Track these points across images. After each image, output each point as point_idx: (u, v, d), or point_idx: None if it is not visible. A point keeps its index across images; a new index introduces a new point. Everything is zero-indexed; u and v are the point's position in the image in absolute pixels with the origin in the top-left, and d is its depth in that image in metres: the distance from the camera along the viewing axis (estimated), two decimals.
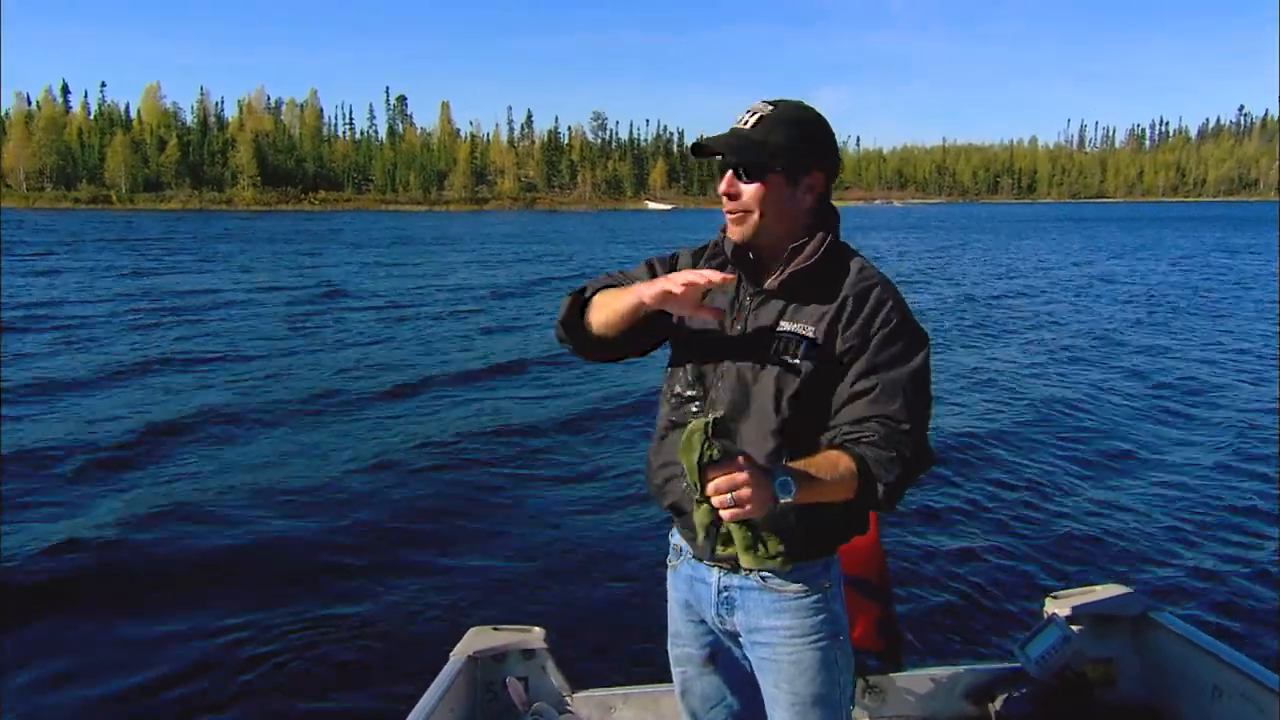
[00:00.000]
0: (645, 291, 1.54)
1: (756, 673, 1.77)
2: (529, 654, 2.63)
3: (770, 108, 1.61)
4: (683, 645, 1.89)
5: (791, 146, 1.60)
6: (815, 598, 1.70)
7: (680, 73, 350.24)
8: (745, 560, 1.52)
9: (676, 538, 1.86)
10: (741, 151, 1.60)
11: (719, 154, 1.62)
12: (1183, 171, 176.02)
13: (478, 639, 2.63)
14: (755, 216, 1.62)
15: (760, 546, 1.51)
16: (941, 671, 2.78)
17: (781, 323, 1.62)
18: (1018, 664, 2.74)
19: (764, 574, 1.67)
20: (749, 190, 1.60)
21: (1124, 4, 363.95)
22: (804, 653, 1.70)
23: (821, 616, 1.70)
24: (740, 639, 1.77)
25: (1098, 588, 2.89)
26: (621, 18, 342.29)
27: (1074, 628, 2.72)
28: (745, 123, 1.60)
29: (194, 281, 22.02)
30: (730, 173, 1.62)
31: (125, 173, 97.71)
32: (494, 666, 2.62)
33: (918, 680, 2.75)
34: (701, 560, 1.77)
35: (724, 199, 1.64)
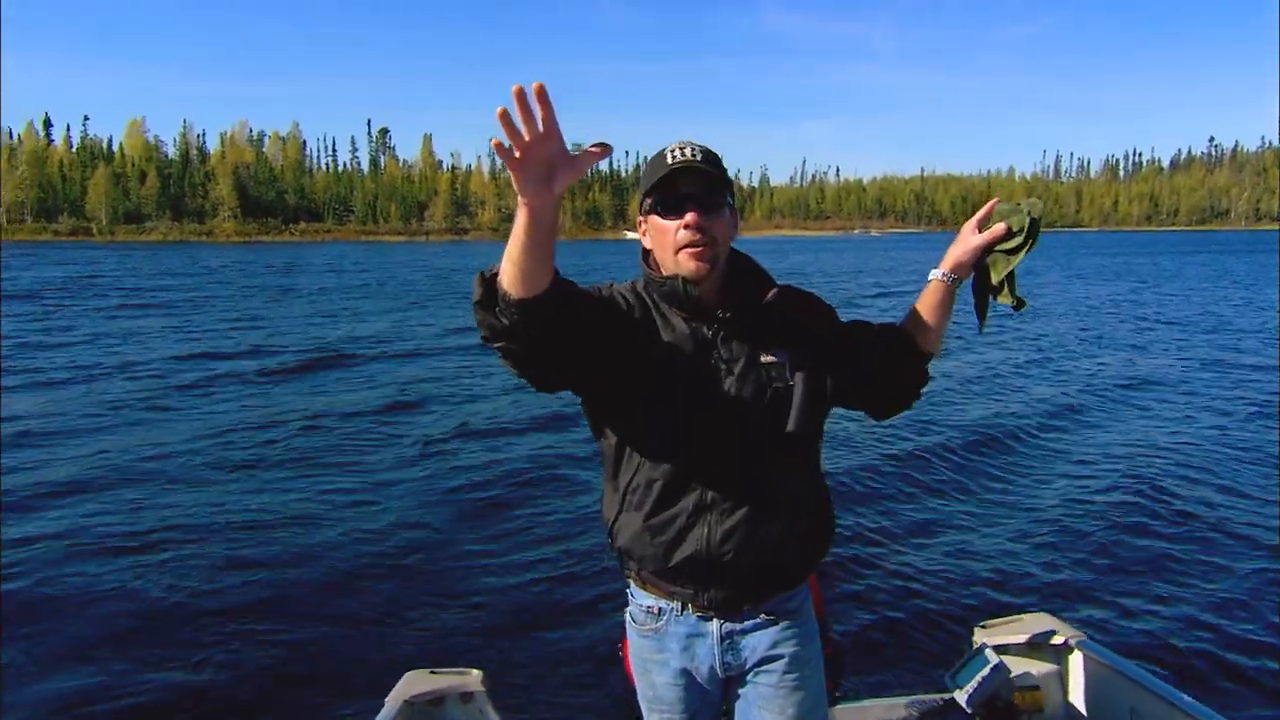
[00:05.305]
0: (518, 187, 1.28)
1: (756, 708, 1.78)
2: (467, 697, 2.61)
3: (696, 145, 1.65)
4: (666, 712, 1.82)
5: (729, 181, 1.68)
6: (804, 623, 1.79)
7: (661, 104, 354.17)
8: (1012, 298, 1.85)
9: (650, 599, 1.77)
10: (721, 186, 1.64)
11: (692, 190, 1.62)
12: (1156, 201, 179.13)
13: (414, 683, 2.61)
14: (718, 250, 1.64)
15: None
16: (877, 704, 2.84)
17: (760, 352, 1.66)
18: (949, 693, 2.80)
19: (766, 610, 1.75)
20: (715, 224, 1.62)
21: (1103, 39, 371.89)
22: (806, 677, 1.78)
23: (813, 641, 1.81)
24: (743, 679, 1.78)
25: (1025, 617, 2.97)
26: (602, 48, 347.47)
27: (1002, 657, 2.78)
28: (696, 156, 1.61)
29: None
30: (699, 207, 1.61)
31: (106, 205, 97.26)
32: (430, 712, 2.59)
33: (854, 714, 2.80)
34: (695, 613, 1.72)
35: (691, 232, 1.60)
